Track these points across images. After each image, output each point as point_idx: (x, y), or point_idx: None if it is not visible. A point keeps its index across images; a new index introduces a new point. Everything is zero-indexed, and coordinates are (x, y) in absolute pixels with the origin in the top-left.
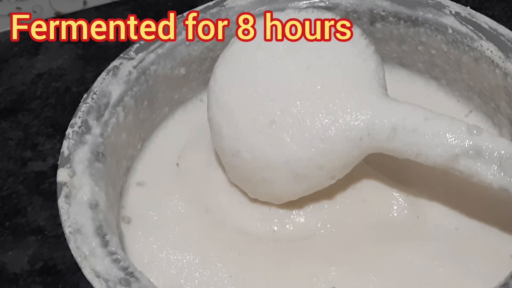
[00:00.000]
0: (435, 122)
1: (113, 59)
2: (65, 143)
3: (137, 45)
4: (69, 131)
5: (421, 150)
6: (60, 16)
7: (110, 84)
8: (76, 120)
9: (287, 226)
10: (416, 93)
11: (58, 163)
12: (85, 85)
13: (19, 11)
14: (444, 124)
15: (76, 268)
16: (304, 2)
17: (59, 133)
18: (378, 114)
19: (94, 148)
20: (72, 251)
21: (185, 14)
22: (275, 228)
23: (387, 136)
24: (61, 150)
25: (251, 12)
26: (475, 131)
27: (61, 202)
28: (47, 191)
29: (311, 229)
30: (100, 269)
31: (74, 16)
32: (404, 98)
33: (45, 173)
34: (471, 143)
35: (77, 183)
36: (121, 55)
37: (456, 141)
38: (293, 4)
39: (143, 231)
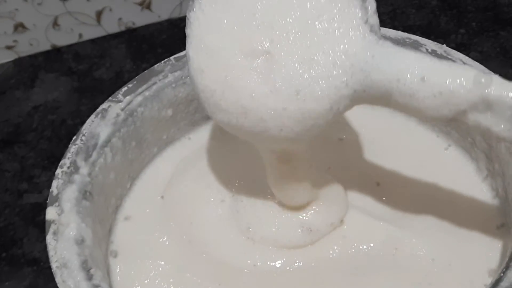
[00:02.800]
0: (436, 78)
1: (108, 91)
2: (54, 183)
3: (125, 88)
4: (58, 171)
5: (422, 111)
6: (56, 49)
7: (99, 126)
8: (65, 161)
9: (269, 261)
10: (397, 127)
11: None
12: (80, 118)
13: (15, 44)
14: (447, 76)
15: None
16: None
17: (55, 166)
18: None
19: (82, 187)
20: (58, 285)
21: (171, 58)
22: (258, 263)
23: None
24: (50, 190)
25: None
26: (483, 80)
27: (49, 238)
28: (42, 223)
29: (291, 263)
30: None
31: (70, 48)
32: (385, 132)
33: (41, 205)
34: (478, 96)
35: (65, 220)
36: (110, 98)
37: (461, 97)
38: None
39: (129, 264)
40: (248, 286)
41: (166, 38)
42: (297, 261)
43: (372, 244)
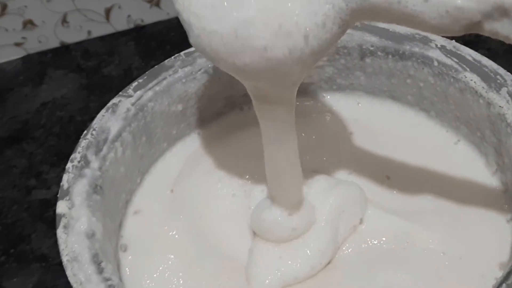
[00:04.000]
0: None
1: (116, 89)
2: (65, 177)
3: (136, 83)
4: (69, 165)
5: (430, 29)
6: (65, 46)
7: (109, 120)
8: (76, 155)
9: None
10: (407, 124)
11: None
12: (89, 115)
13: (24, 40)
14: None
15: None
16: None
17: (63, 162)
18: None
19: (92, 181)
20: (68, 278)
21: (181, 53)
22: None
23: None
24: (61, 184)
25: None
26: None
27: (59, 232)
28: (51, 219)
29: None
30: None
31: (79, 46)
32: (395, 129)
33: (49, 201)
34: (491, 5)
35: (75, 214)
36: (120, 93)
37: (472, 11)
38: None
39: (139, 258)
40: None
41: (175, 36)
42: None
43: (384, 239)
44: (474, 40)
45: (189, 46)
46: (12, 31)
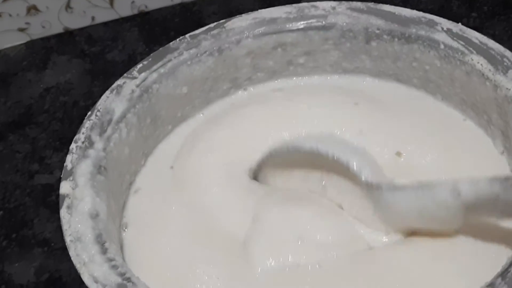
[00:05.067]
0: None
1: (120, 74)
2: (69, 157)
3: (140, 65)
4: (73, 146)
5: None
6: (69, 32)
7: (113, 101)
8: (80, 136)
9: None
10: (415, 106)
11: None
12: (93, 99)
13: (28, 26)
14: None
15: (81, 280)
16: (302, 22)
17: (66, 147)
18: None
19: (96, 162)
20: (72, 258)
21: (187, 35)
22: None
23: None
24: (65, 164)
25: (252, 33)
26: (456, 193)
27: (63, 212)
28: (53, 203)
29: None
30: (98, 274)
31: (83, 31)
32: (403, 111)
33: (52, 186)
34: (458, 204)
35: (79, 194)
36: (125, 74)
37: (449, 215)
38: (290, 25)
39: (139, 236)
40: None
41: (179, 22)
42: None
43: None
44: (478, 26)
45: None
46: (16, 16)
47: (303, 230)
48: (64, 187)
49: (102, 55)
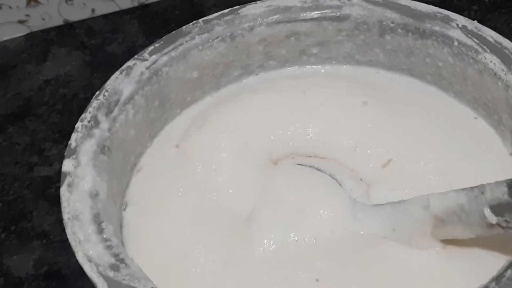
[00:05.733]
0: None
1: (120, 66)
2: (74, 136)
3: (152, 47)
4: (78, 124)
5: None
6: (69, 24)
7: (122, 82)
8: (86, 115)
9: None
10: (426, 102)
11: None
12: (92, 92)
13: (27, 18)
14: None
15: (80, 273)
16: (316, 12)
17: (66, 139)
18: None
19: (101, 141)
20: (68, 236)
21: (200, 20)
22: None
23: None
24: (69, 142)
25: (265, 21)
26: (426, 204)
27: (63, 190)
28: (53, 196)
29: None
30: (93, 254)
31: (83, 23)
32: (413, 108)
33: (51, 178)
34: (428, 216)
35: (81, 173)
36: (135, 56)
37: (421, 224)
38: (305, 14)
39: (139, 215)
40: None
41: (179, 14)
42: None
43: None
44: (479, 19)
45: None
46: (15, 8)
47: (305, 203)
48: (67, 165)
49: (102, 47)
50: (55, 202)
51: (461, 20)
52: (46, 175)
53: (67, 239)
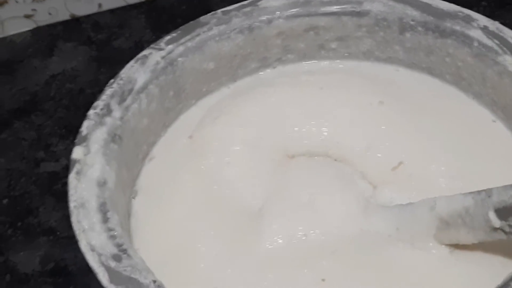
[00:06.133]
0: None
1: (127, 61)
2: (85, 123)
3: (169, 37)
4: (90, 112)
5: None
6: (75, 19)
7: (137, 71)
8: (99, 103)
9: None
10: (444, 102)
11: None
12: (99, 87)
13: (34, 13)
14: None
15: (87, 269)
16: (336, 7)
17: (72, 134)
18: None
19: (112, 130)
20: (72, 224)
21: (218, 11)
22: None
23: None
24: (80, 130)
25: (284, 14)
26: (432, 205)
27: (71, 177)
28: (59, 191)
29: None
30: (96, 243)
31: (89, 18)
32: (431, 109)
33: (58, 174)
34: (433, 217)
35: (90, 161)
36: (152, 45)
37: (425, 226)
38: (324, 9)
39: (148, 204)
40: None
41: (186, 9)
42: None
43: None
44: (488, 15)
45: None
46: (22, 3)
47: (319, 196)
48: (76, 152)
49: (109, 42)
50: (62, 197)
51: (482, 20)
52: (53, 171)
53: (73, 235)
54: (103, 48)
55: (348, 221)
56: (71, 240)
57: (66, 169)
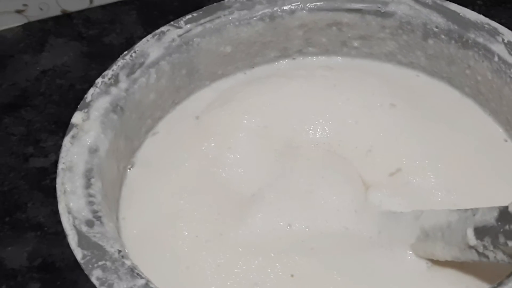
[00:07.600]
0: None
1: (117, 57)
2: (91, 90)
3: (189, 16)
4: (98, 80)
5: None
6: (67, 14)
7: (151, 46)
8: (108, 72)
9: None
10: (459, 115)
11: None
12: (89, 83)
13: (25, 8)
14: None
15: (74, 266)
16: (361, 5)
17: (62, 130)
18: None
19: (115, 100)
20: (56, 185)
21: None
22: None
23: None
24: (85, 96)
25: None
26: (418, 215)
27: (66, 140)
28: (48, 187)
29: None
30: (74, 206)
31: (81, 14)
32: (443, 120)
33: (47, 170)
34: (418, 228)
35: (87, 127)
36: (172, 22)
37: (407, 234)
38: (349, 5)
39: (141, 177)
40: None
41: (178, 5)
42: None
43: None
44: (484, 14)
45: None
46: None
47: (317, 187)
48: (76, 117)
49: (100, 38)
50: (50, 193)
51: (508, 35)
52: (42, 166)
53: (62, 231)
54: (94, 44)
55: (338, 216)
56: (59, 236)
57: (55, 165)
